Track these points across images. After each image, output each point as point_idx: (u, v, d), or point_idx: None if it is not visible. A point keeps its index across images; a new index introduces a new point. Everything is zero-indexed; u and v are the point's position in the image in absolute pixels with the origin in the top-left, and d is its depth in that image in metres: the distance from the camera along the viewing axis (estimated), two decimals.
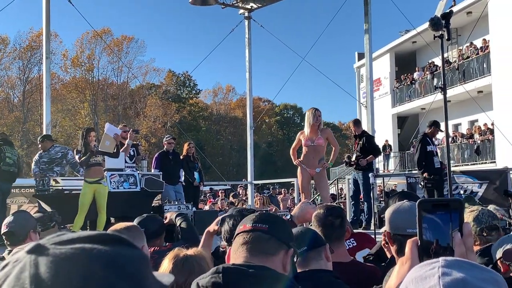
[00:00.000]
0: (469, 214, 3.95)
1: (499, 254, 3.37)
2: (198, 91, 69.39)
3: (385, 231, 3.06)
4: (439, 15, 5.55)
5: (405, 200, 3.15)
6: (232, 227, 3.46)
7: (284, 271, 2.01)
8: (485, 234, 3.84)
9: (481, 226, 3.85)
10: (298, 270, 2.69)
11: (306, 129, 9.49)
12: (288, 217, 3.58)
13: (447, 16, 5.44)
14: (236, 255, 2.03)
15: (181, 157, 12.89)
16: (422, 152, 10.75)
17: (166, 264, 2.74)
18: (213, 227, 3.87)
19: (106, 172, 10.04)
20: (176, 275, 2.60)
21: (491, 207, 6.36)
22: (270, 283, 1.89)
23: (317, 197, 16.73)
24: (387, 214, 3.05)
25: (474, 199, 10.56)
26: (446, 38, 5.45)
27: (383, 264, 3.35)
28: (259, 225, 2.05)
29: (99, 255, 0.84)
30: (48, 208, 9.79)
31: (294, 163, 9.65)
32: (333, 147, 9.89)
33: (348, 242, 4.37)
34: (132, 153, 11.61)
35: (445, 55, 23.79)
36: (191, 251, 2.82)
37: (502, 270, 3.31)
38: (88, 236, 0.86)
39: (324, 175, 9.64)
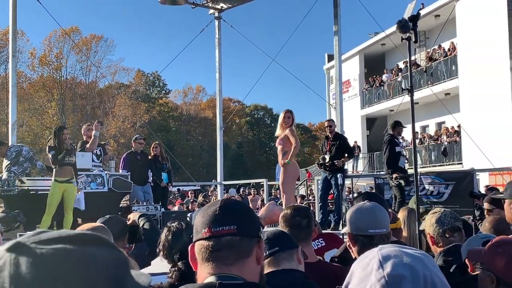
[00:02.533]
0: (432, 215, 3.99)
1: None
2: (167, 91, 69.17)
3: (347, 232, 3.08)
4: (407, 18, 5.58)
5: (365, 201, 3.16)
6: (171, 243, 3.39)
7: (259, 264, 1.86)
8: (447, 236, 3.87)
9: (443, 227, 3.88)
10: (270, 270, 2.67)
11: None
12: None
13: (414, 18, 5.47)
14: (207, 265, 1.79)
15: (149, 157, 12.78)
16: (391, 153, 10.99)
17: None
18: None
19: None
20: None
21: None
22: None
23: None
24: (348, 215, 3.06)
25: (423, 200, 10.89)
26: (414, 40, 5.48)
27: (348, 266, 3.37)
28: (226, 227, 1.78)
29: (81, 256, 0.83)
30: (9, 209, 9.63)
31: None
32: (292, 144, 9.97)
33: (317, 242, 4.39)
34: (98, 152, 11.49)
35: (413, 57, 24.04)
36: None
37: (469, 269, 3.35)
38: (68, 236, 0.85)
39: (284, 172, 9.82)
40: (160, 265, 3.55)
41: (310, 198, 17.85)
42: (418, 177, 11.68)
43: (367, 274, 1.31)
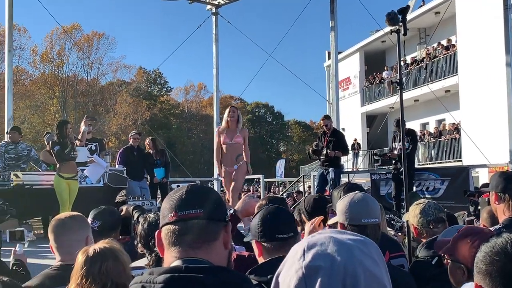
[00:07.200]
0: (416, 206, 3.99)
1: None
2: (169, 88, 69.14)
3: (338, 222, 3.07)
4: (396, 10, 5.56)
5: (356, 191, 3.16)
6: (147, 231, 3.42)
7: (226, 248, 1.86)
8: (431, 227, 3.87)
9: (427, 218, 3.89)
10: (278, 255, 2.65)
11: (223, 125, 9.78)
12: (232, 211, 3.55)
13: (403, 11, 5.45)
14: (173, 249, 1.79)
15: (145, 153, 12.73)
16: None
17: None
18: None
19: None
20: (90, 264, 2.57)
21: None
22: None
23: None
24: (341, 205, 3.04)
25: (419, 195, 10.90)
26: (403, 33, 5.47)
27: None
28: (192, 211, 1.78)
29: None
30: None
31: (217, 171, 9.81)
32: (244, 148, 9.97)
33: None
34: (93, 147, 11.49)
35: (414, 54, 23.92)
36: (100, 244, 2.75)
37: (445, 262, 3.34)
38: None
39: (241, 169, 9.87)
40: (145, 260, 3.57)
41: (307, 194, 17.83)
42: (415, 173, 11.76)
43: (293, 262, 1.23)
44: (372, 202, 3.05)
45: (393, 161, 11.50)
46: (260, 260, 2.76)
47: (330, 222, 3.44)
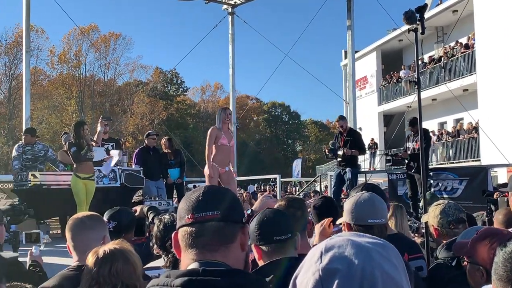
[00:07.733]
0: (436, 207, 3.93)
1: None
2: (185, 88, 69.25)
3: (344, 222, 3.05)
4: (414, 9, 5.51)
5: (363, 191, 3.14)
6: (163, 233, 3.41)
7: (243, 250, 1.83)
8: (452, 227, 3.81)
9: (448, 219, 3.83)
10: (273, 258, 2.64)
11: (218, 125, 9.71)
12: (249, 211, 3.54)
13: (421, 9, 5.42)
14: (190, 251, 1.77)
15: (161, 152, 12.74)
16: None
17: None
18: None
19: None
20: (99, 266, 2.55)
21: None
22: None
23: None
24: (347, 205, 3.04)
25: (437, 195, 10.77)
26: (420, 31, 5.42)
27: None
28: (209, 213, 1.75)
29: None
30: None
31: (209, 167, 9.68)
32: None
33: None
34: (110, 147, 11.52)
35: (432, 53, 23.75)
36: (110, 245, 2.73)
37: (463, 264, 3.29)
38: None
39: (232, 173, 9.96)
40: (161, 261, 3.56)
41: (324, 194, 17.77)
42: (431, 173, 11.66)
43: (310, 265, 1.21)
44: (378, 202, 3.04)
45: (406, 161, 11.41)
46: (260, 263, 2.77)
47: (338, 221, 3.43)
